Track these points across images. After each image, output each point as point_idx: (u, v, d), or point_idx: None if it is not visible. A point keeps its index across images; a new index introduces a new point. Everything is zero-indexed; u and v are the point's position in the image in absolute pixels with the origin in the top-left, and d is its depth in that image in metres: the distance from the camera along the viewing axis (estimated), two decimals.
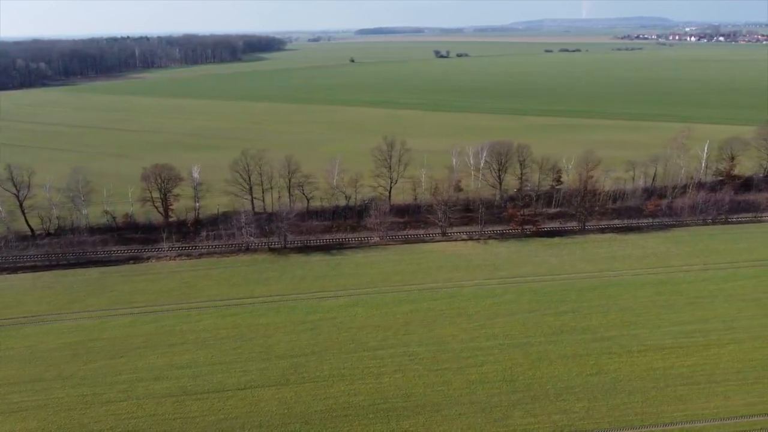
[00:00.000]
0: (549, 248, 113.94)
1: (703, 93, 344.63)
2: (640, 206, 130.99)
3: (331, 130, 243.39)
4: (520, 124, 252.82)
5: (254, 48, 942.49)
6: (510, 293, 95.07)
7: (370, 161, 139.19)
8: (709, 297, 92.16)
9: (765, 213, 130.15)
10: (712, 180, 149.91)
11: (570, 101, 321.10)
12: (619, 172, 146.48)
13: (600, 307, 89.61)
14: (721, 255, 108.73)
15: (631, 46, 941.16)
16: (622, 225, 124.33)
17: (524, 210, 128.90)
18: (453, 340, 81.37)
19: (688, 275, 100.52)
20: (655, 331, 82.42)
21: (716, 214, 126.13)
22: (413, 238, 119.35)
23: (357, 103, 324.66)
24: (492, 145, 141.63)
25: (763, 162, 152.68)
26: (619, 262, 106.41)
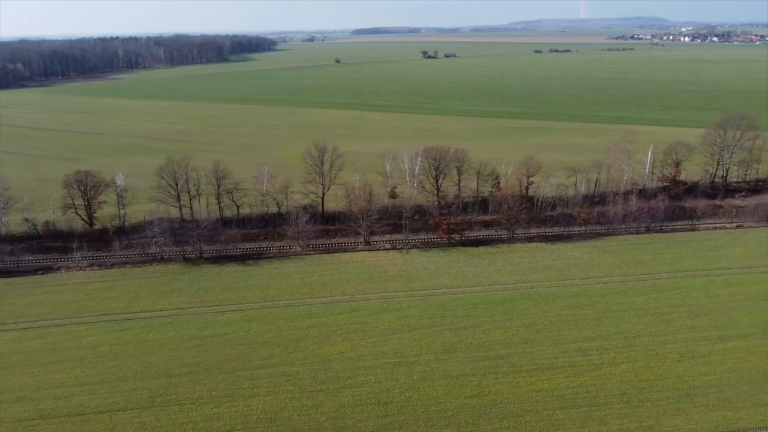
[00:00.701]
0: (471, 258, 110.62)
1: (674, 95, 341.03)
2: (575, 214, 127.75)
3: (293, 133, 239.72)
4: (485, 126, 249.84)
5: (244, 48, 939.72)
6: (415, 307, 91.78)
7: (301, 167, 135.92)
8: (619, 311, 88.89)
9: (703, 221, 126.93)
10: (658, 186, 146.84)
11: (541, 103, 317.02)
12: (561, 177, 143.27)
13: (503, 323, 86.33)
14: (644, 266, 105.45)
15: (623, 47, 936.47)
16: (552, 233, 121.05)
17: (453, 218, 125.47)
18: (340, 358, 78.08)
19: (605, 287, 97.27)
20: (551, 348, 79.15)
21: (650, 222, 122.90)
22: (335, 247, 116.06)
23: (328, 105, 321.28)
24: (427, 151, 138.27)
25: (709, 168, 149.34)
26: (538, 274, 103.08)
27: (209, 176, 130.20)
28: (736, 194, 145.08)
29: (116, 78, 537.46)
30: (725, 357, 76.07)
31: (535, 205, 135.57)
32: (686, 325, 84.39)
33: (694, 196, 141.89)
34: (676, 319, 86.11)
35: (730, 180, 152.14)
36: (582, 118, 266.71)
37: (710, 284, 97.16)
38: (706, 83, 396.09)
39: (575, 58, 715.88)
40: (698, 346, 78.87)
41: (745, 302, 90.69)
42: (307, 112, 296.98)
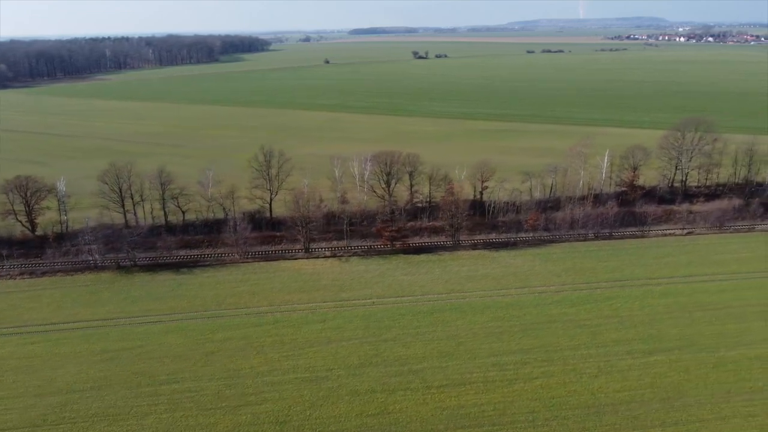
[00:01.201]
0: (409, 266, 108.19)
1: (658, 96, 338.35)
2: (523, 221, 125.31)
3: (269, 135, 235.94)
4: (459, 128, 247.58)
5: (237, 49, 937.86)
6: (341, 318, 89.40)
7: (248, 172, 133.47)
8: (547, 323, 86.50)
9: (654, 227, 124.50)
10: (615, 191, 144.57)
11: (521, 105, 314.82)
12: (516, 182, 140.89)
13: (426, 335, 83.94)
14: (584, 274, 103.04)
15: (616, 47, 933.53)
16: (497, 240, 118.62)
17: (403, 224, 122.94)
18: (250, 373, 75.67)
19: (539, 297, 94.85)
20: (468, 362, 76.73)
21: (600, 228, 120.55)
22: (274, 255, 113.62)
23: (306, 107, 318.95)
24: (377, 155, 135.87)
25: (667, 172, 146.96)
26: (474, 282, 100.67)
27: (153, 181, 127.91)
28: (694, 199, 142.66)
29: (103, 79, 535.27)
30: (644, 372, 73.67)
31: (487, 211, 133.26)
32: (612, 337, 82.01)
33: (651, 202, 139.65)
34: (603, 331, 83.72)
35: (691, 185, 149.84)
36: (560, 120, 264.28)
37: (647, 294, 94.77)
38: (691, 84, 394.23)
39: (566, 58, 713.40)
40: (619, 360, 76.50)
41: (678, 313, 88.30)
42: (286, 114, 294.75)
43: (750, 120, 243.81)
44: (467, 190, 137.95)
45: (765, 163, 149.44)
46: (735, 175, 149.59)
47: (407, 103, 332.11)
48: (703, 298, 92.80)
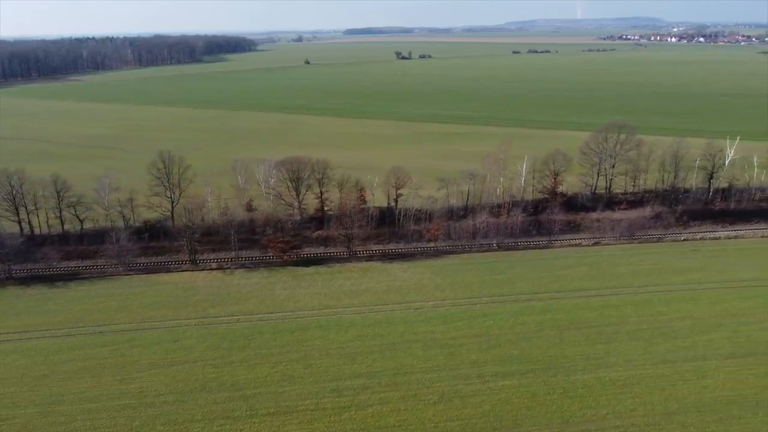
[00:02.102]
0: (293, 279, 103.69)
1: (629, 97, 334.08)
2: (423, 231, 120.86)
3: (214, 138, 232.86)
4: (417, 131, 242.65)
5: (222, 49, 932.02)
6: (196, 337, 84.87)
7: (148, 179, 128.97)
8: (410, 342, 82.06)
9: (562, 237, 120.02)
10: (537, 198, 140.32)
11: (487, 106, 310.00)
12: (432, 189, 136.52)
13: (278, 356, 79.45)
14: (470, 289, 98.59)
15: (604, 48, 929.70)
16: (393, 252, 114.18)
17: (308, 233, 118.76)
18: (74, 399, 70.95)
19: (414, 313, 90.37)
20: (309, 387, 72.28)
21: (503, 238, 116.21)
22: (157, 267, 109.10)
23: (268, 108, 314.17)
24: (283, 161, 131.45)
25: (589, 179, 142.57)
26: (353, 298, 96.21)
27: (47, 188, 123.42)
28: (616, 206, 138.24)
29: (77, 80, 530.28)
30: (487, 398, 69.22)
31: (397, 220, 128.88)
32: (470, 359, 77.57)
33: (571, 209, 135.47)
34: (464, 352, 79.27)
35: (617, 191, 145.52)
36: (520, 122, 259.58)
37: (526, 311, 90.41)
38: (664, 85, 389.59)
39: (550, 59, 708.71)
40: (467, 384, 72.07)
41: (549, 332, 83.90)
42: (244, 116, 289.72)
43: (690, 121, 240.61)
44: (380, 198, 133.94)
45: (692, 169, 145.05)
46: (663, 181, 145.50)
47: (373, 104, 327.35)
48: (582, 315, 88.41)
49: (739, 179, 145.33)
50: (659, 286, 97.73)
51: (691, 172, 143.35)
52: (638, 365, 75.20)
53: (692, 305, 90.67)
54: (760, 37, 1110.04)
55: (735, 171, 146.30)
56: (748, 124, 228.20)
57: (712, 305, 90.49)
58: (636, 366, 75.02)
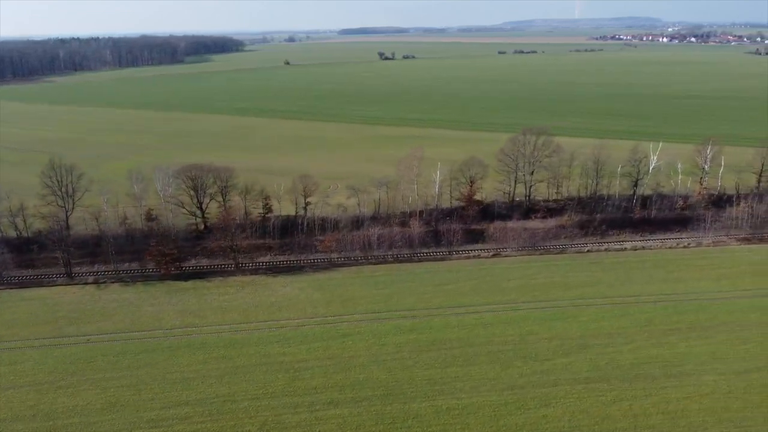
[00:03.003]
0: (167, 295, 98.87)
1: (597, 99, 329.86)
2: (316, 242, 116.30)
3: (159, 142, 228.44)
4: (364, 134, 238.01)
5: (208, 49, 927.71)
6: (35, 359, 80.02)
7: (39, 186, 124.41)
8: (256, 365, 77.25)
9: (464, 247, 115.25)
10: (454, 206, 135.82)
11: (447, 109, 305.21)
12: (342, 197, 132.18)
13: (109, 381, 74.66)
14: (347, 305, 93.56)
15: (592, 48, 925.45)
16: (282, 264, 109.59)
17: (170, 246, 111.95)
18: None
19: (274, 334, 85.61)
20: (126, 417, 67.56)
21: (399, 249, 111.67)
22: (30, 280, 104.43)
23: (226, 111, 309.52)
24: (183, 169, 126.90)
25: (505, 186, 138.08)
26: (220, 315, 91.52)
27: None
28: (533, 215, 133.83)
29: (50, 81, 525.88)
30: (307, 430, 64.68)
31: (301, 229, 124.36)
32: (311, 384, 72.92)
33: (486, 218, 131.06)
34: (308, 376, 74.66)
35: (538, 199, 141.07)
36: (477, 126, 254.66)
37: (393, 330, 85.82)
38: (638, 87, 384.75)
39: (532, 59, 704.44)
40: (295, 413, 67.47)
41: (407, 353, 79.16)
42: (202, 119, 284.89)
43: (637, 125, 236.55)
44: (286, 207, 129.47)
45: (619, 175, 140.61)
46: (586, 188, 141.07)
47: (334, 107, 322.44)
48: (449, 335, 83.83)
49: (664, 186, 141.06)
50: (543, 302, 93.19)
51: (616, 179, 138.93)
52: (483, 392, 70.67)
53: (568, 324, 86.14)
54: (752, 37, 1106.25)
55: (660, 177, 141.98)
56: (688, 128, 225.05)
57: (588, 324, 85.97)
58: (481, 392, 70.49)
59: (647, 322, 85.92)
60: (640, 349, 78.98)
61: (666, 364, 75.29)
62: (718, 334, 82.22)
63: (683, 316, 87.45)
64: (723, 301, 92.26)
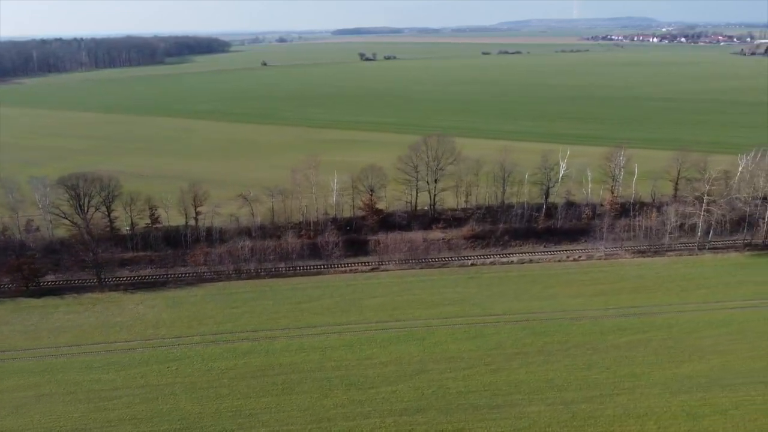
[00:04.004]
0: (11, 314, 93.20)
1: (565, 101, 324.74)
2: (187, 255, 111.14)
3: (92, 147, 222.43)
4: (307, 137, 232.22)
5: (192, 50, 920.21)
6: None
7: None
8: (61, 395, 72.13)
9: (348, 260, 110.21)
10: (354, 215, 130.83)
11: (403, 112, 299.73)
12: (233, 207, 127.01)
13: None
14: (190, 326, 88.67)
15: (579, 48, 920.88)
16: (149, 279, 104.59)
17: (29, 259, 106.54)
18: None
19: (100, 358, 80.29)
20: None
21: (276, 263, 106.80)
22: None
23: (176, 113, 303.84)
24: (64, 179, 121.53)
25: (406, 195, 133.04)
26: (51, 337, 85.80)
27: None
28: (434, 225, 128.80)
29: (20, 83, 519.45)
30: None
31: (184, 242, 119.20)
32: (106, 418, 67.70)
33: (386, 228, 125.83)
34: (108, 407, 69.35)
35: (446, 208, 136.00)
36: (431, 129, 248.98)
37: (228, 352, 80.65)
38: (607, 89, 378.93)
39: (513, 60, 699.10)
40: None
41: (231, 380, 74.07)
42: (147, 122, 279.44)
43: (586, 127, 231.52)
44: (175, 217, 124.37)
45: (532, 183, 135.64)
46: (495, 197, 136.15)
47: (290, 109, 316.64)
48: (282, 359, 78.65)
49: (575, 195, 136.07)
50: (398, 322, 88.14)
51: (523, 186, 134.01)
52: (288, 425, 65.59)
53: (413, 346, 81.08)
54: (742, 37, 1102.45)
55: (573, 185, 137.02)
56: (623, 132, 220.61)
57: (434, 346, 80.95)
58: (284, 426, 65.43)
59: (497, 345, 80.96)
60: (475, 375, 74.00)
61: (495, 393, 70.32)
62: (564, 358, 77.28)
63: (537, 338, 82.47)
64: (586, 320, 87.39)
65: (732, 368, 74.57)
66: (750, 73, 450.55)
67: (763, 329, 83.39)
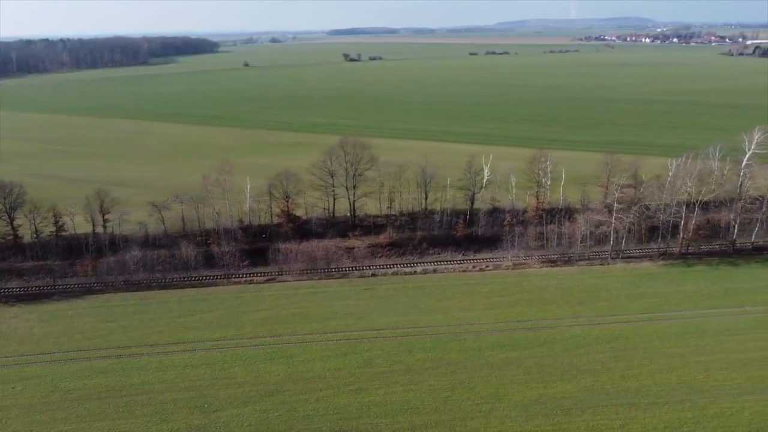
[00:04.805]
0: None
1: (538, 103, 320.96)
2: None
3: (32, 150, 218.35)
4: (256, 140, 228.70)
5: (179, 51, 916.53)
6: None
7: None
8: None
9: (245, 271, 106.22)
10: (272, 222, 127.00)
11: (364, 114, 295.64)
12: (143, 214, 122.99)
13: None
14: (58, 342, 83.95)
15: (569, 49, 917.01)
16: (35, 289, 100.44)
17: None
18: None
19: None
20: None
21: (168, 274, 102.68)
22: None
23: (140, 116, 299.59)
24: None
25: (323, 202, 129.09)
26: None
27: None
28: (351, 232, 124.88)
29: None
30: None
31: (87, 250, 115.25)
32: None
33: (302, 236, 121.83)
34: None
35: (368, 214, 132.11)
36: (394, 132, 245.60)
37: (83, 372, 76.15)
38: (573, 90, 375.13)
39: (497, 60, 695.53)
40: None
41: (71, 402, 70.06)
42: (104, 124, 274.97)
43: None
44: (82, 224, 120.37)
45: (457, 188, 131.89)
46: (419, 201, 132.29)
47: (249, 112, 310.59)
48: (135, 380, 74.37)
49: (500, 200, 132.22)
50: (276, 337, 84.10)
51: (450, 192, 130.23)
52: None
53: (276, 365, 76.92)
54: (734, 37, 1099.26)
55: (498, 191, 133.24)
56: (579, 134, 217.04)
57: (299, 365, 76.78)
58: None
59: (366, 363, 76.97)
60: (330, 397, 70.00)
61: (343, 417, 66.34)
62: (431, 378, 73.28)
63: (411, 355, 78.49)
64: (470, 335, 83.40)
65: (602, 388, 70.65)
66: (729, 74, 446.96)
67: (647, 345, 79.46)
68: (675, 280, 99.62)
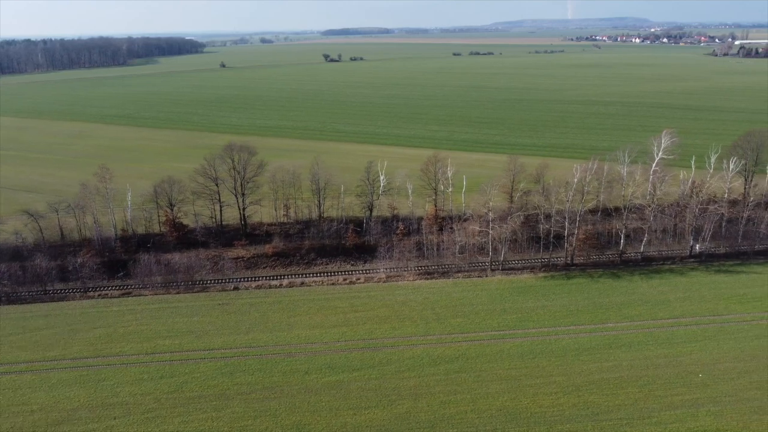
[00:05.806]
0: None
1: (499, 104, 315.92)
2: None
3: None
4: (198, 143, 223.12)
5: (163, 51, 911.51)
6: None
7: None
8: None
9: (103, 285, 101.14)
10: (159, 232, 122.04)
11: (317, 117, 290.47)
12: (19, 224, 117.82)
13: None
14: None
15: (554, 49, 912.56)
16: None
17: None
18: None
19: None
20: None
21: (24, 287, 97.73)
22: None
23: (89, 118, 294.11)
24: None
25: (208, 210, 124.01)
26: None
27: None
28: (237, 242, 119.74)
29: None
30: None
31: None
32: None
33: (187, 245, 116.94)
34: None
35: (262, 222, 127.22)
36: (339, 135, 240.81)
37: None
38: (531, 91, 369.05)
39: (475, 61, 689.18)
40: None
41: None
42: (47, 127, 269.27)
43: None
44: None
45: (350, 194, 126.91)
46: (316, 210, 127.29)
47: (203, 114, 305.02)
48: None
49: (398, 208, 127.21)
50: (100, 358, 79.02)
51: (344, 199, 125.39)
52: None
53: (82, 390, 71.89)
54: (723, 37, 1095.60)
55: (398, 198, 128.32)
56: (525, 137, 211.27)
57: (104, 390, 71.82)
58: None
59: (177, 388, 71.89)
60: (118, 427, 64.92)
61: None
62: (238, 405, 68.32)
63: (230, 378, 73.45)
64: (302, 356, 78.36)
65: (416, 416, 65.70)
66: (698, 75, 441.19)
67: (484, 367, 74.47)
68: (547, 294, 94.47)
